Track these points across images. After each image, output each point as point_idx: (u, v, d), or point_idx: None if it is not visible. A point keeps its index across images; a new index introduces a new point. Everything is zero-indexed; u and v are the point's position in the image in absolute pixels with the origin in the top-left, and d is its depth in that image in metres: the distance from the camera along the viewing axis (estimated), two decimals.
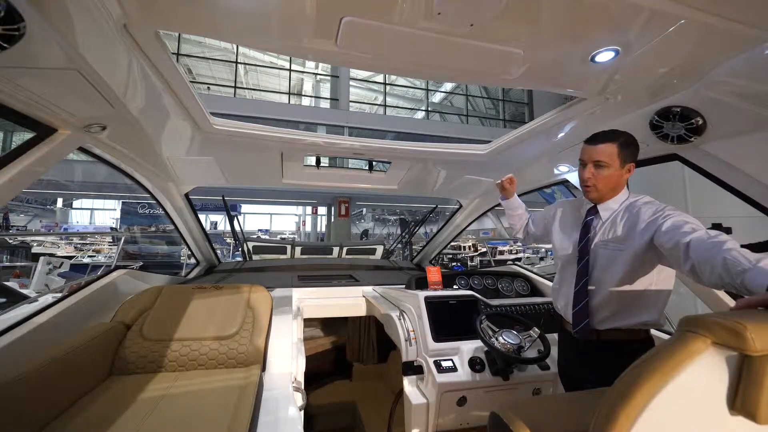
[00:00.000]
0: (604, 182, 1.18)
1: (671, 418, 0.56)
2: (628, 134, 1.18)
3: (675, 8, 0.80)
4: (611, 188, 1.20)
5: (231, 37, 0.94)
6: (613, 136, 1.16)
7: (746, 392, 0.54)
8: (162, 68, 1.05)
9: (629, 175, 1.20)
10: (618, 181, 1.19)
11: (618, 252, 1.14)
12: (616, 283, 1.14)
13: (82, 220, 20.72)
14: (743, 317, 0.56)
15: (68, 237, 13.18)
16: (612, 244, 1.16)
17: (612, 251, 1.16)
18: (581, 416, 0.78)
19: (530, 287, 2.25)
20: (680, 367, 0.55)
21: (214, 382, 1.25)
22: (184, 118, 1.38)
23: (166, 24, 0.86)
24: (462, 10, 0.79)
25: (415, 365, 1.63)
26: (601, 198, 1.22)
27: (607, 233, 1.19)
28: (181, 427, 1.00)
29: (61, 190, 11.79)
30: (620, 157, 1.15)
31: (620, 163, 1.15)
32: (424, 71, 1.10)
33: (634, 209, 1.14)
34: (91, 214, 21.06)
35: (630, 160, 1.17)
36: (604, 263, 1.18)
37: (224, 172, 2.03)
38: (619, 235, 1.15)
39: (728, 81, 0.97)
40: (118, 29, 0.84)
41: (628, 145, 1.16)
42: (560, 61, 1.01)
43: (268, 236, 19.64)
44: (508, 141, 1.75)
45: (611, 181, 1.18)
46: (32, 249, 9.16)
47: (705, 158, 1.20)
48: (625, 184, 1.23)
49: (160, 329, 1.41)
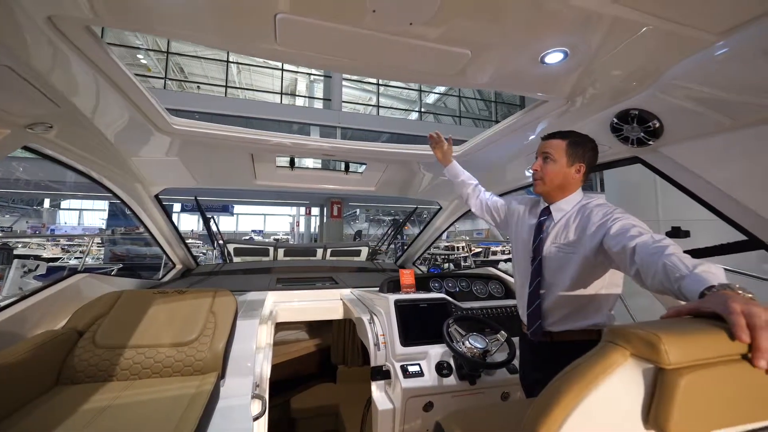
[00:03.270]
0: (550, 176, 1.19)
1: (590, 430, 0.54)
2: (583, 136, 1.18)
3: (619, 10, 0.78)
4: (557, 185, 1.20)
5: (165, 33, 0.91)
6: (565, 133, 1.19)
7: (659, 406, 0.52)
8: (102, 65, 1.01)
9: (580, 177, 1.20)
10: (565, 179, 1.19)
11: (569, 255, 1.13)
12: (567, 286, 1.13)
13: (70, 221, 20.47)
14: (662, 328, 0.54)
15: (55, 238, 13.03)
16: (564, 246, 1.15)
17: (564, 254, 1.14)
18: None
19: (504, 289, 2.23)
20: (600, 379, 0.53)
21: (165, 391, 1.20)
22: (139, 117, 1.34)
23: (95, 17, 0.82)
24: (397, 8, 0.77)
25: (383, 370, 1.61)
26: (548, 194, 1.23)
27: (559, 235, 1.18)
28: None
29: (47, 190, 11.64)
30: (567, 154, 1.17)
31: (567, 160, 1.17)
32: (372, 70, 1.08)
33: (586, 212, 1.13)
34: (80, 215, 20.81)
35: (578, 160, 1.18)
36: (555, 265, 1.17)
37: (192, 173, 1.99)
38: (571, 237, 1.14)
39: (680, 85, 0.96)
40: (44, 22, 0.81)
41: (576, 145, 1.17)
42: (510, 62, 1.00)
43: (261, 237, 19.58)
44: (481, 142, 1.74)
45: (557, 176, 1.19)
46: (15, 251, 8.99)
47: (663, 161, 1.19)
48: (576, 186, 1.22)
49: (114, 336, 1.36)
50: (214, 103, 9.48)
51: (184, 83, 14.02)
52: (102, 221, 14.65)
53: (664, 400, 0.51)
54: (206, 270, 2.90)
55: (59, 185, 10.84)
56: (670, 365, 0.51)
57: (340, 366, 2.74)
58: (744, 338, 0.52)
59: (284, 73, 12.01)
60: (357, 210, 18.59)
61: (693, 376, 0.51)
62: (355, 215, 19.59)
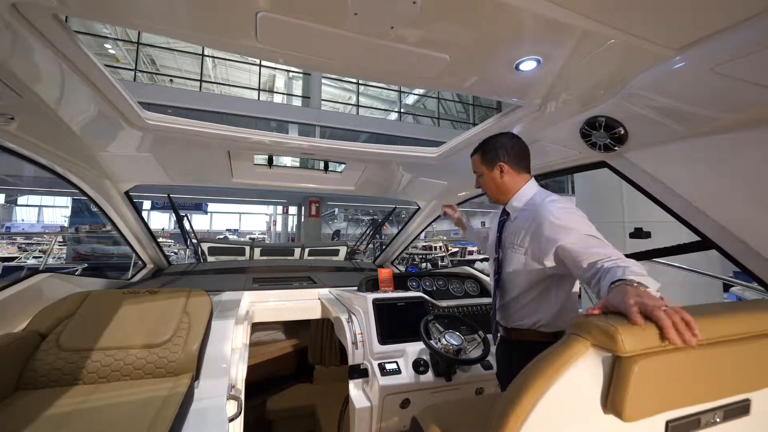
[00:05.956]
0: (487, 188, 1.29)
1: (555, 418, 0.58)
2: (490, 139, 1.28)
3: (588, 23, 0.84)
4: (498, 191, 1.26)
5: (141, 26, 0.88)
6: (477, 148, 1.29)
7: (615, 391, 0.57)
8: (71, 55, 0.96)
9: (510, 175, 1.23)
10: (499, 183, 1.24)
11: (520, 252, 1.16)
12: (518, 283, 1.18)
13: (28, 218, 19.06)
14: (618, 321, 0.60)
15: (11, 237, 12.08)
16: (516, 246, 1.19)
17: (515, 251, 1.18)
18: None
19: (480, 288, 2.30)
20: (564, 369, 0.57)
21: (135, 394, 1.16)
22: (109, 111, 1.28)
23: (63, 6, 0.79)
24: (379, 12, 0.79)
25: (361, 368, 1.62)
26: (498, 201, 1.30)
27: (513, 233, 1.21)
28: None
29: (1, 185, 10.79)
30: (484, 163, 1.26)
31: (487, 168, 1.25)
32: (353, 71, 1.09)
33: (535, 208, 1.14)
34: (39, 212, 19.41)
35: (495, 161, 1.23)
36: (509, 263, 1.21)
37: (167, 170, 1.92)
38: (522, 235, 1.16)
39: (642, 94, 1.03)
40: (7, 9, 0.76)
41: (486, 152, 1.26)
42: (487, 68, 1.04)
43: (237, 236, 19.02)
44: (457, 144, 1.78)
45: (491, 186, 1.27)
46: None
47: (628, 166, 1.28)
48: (513, 183, 1.23)
49: (80, 338, 1.30)
50: (187, 98, 9.10)
51: (155, 76, 13.38)
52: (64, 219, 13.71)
53: (620, 385, 0.56)
54: (179, 270, 2.80)
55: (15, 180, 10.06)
56: (626, 353, 0.56)
57: (317, 366, 2.72)
58: (639, 322, 0.59)
59: (262, 69, 11.72)
60: (335, 209, 18.43)
61: (645, 362, 0.56)
62: (333, 215, 19.41)
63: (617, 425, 0.58)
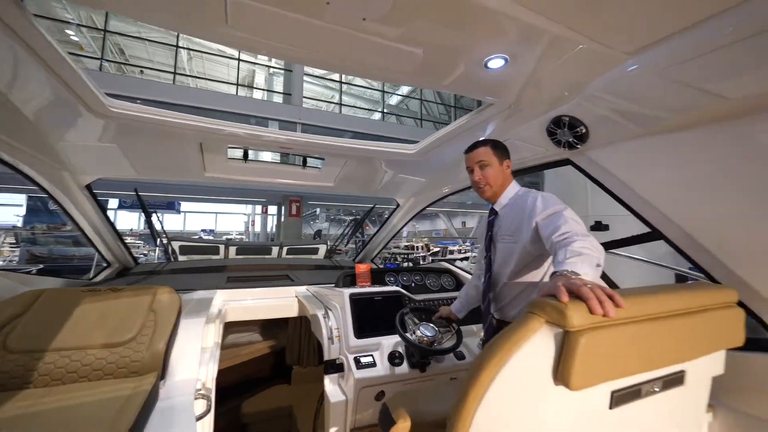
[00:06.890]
0: (492, 179, 1.32)
1: (512, 391, 0.62)
2: (495, 140, 1.36)
3: (549, 25, 0.87)
4: (500, 183, 1.33)
5: (107, 6, 0.85)
6: (485, 141, 1.34)
7: (564, 363, 0.61)
8: (26, 37, 0.91)
9: (509, 171, 1.36)
10: (503, 177, 1.33)
11: (511, 245, 1.23)
12: (509, 275, 1.23)
13: None
14: (570, 301, 0.64)
15: None
16: (506, 237, 1.26)
17: (506, 244, 1.26)
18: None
19: (456, 282, 2.35)
20: (521, 343, 0.62)
21: (93, 395, 1.10)
22: (69, 97, 1.21)
23: None
24: (351, 3, 0.79)
25: (337, 363, 1.62)
26: (495, 195, 1.34)
27: (503, 228, 1.29)
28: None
29: None
30: (495, 155, 1.31)
31: (497, 160, 1.31)
32: (328, 63, 1.09)
33: (521, 201, 1.25)
34: None
35: (504, 157, 1.33)
36: (501, 257, 1.28)
37: (132, 163, 1.84)
38: (511, 227, 1.25)
39: (600, 96, 1.09)
40: None
41: (497, 146, 1.33)
42: (458, 64, 1.06)
43: (212, 236, 18.40)
44: (434, 141, 1.81)
45: (498, 177, 1.32)
46: None
47: (588, 163, 1.34)
48: (510, 179, 1.36)
49: (31, 339, 1.22)
50: (159, 90, 8.68)
51: (124, 66, 12.74)
52: (17, 218, 12.72)
53: (568, 357, 0.60)
54: (147, 269, 2.68)
55: None
56: (574, 327, 0.61)
57: (295, 367, 2.68)
58: (564, 298, 0.65)
59: (241, 64, 11.41)
60: (317, 209, 18.23)
61: (591, 335, 0.61)
62: (315, 215, 19.18)
63: (567, 395, 0.63)
